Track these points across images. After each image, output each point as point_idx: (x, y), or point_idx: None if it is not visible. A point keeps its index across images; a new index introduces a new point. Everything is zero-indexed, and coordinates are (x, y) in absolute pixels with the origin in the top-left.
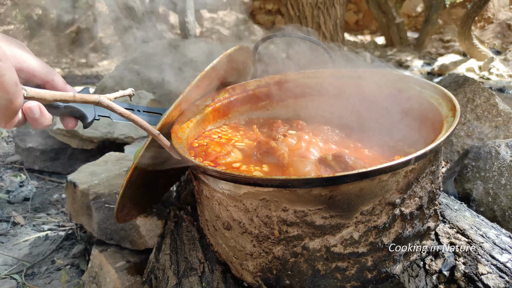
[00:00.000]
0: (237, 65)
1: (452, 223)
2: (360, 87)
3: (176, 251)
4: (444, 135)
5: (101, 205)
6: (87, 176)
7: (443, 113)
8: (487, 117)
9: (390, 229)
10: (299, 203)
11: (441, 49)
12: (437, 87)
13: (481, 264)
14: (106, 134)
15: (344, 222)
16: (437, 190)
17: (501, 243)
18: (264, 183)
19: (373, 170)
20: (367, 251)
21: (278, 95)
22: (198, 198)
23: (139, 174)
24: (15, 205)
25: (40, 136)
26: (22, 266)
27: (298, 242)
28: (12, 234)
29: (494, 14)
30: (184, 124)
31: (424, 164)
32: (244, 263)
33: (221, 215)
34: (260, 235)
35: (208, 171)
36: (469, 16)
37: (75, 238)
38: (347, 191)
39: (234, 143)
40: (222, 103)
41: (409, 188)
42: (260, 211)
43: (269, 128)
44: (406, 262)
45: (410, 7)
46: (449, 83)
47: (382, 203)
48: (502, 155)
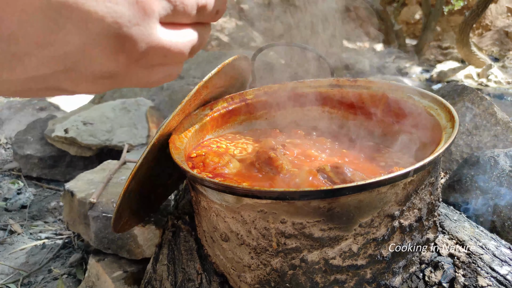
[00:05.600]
0: (236, 74)
1: (452, 234)
2: (358, 96)
3: (174, 261)
4: (443, 146)
5: (99, 214)
6: (84, 185)
7: (442, 124)
8: (486, 126)
9: (389, 241)
10: (298, 215)
11: (440, 56)
12: (436, 97)
13: (481, 277)
14: (105, 141)
15: (342, 234)
16: (436, 201)
17: (501, 254)
18: (262, 195)
19: (372, 182)
20: (366, 263)
21: (277, 104)
22: (196, 208)
23: (136, 184)
24: (12, 212)
25: (38, 143)
26: (18, 275)
27: (297, 254)
28: (9, 242)
29: (492, 22)
30: (182, 134)
31: (423, 176)
32: (242, 275)
33: (219, 226)
34: (258, 247)
35: (205, 183)
36: (467, 23)
37: (72, 246)
38: (346, 203)
39: (233, 153)
40: (220, 112)
41: (408, 200)
42: (258, 223)
43: (268, 137)
44: (405, 274)
45: (408, 14)
46: (448, 92)
47: (381, 215)
48: (501, 165)
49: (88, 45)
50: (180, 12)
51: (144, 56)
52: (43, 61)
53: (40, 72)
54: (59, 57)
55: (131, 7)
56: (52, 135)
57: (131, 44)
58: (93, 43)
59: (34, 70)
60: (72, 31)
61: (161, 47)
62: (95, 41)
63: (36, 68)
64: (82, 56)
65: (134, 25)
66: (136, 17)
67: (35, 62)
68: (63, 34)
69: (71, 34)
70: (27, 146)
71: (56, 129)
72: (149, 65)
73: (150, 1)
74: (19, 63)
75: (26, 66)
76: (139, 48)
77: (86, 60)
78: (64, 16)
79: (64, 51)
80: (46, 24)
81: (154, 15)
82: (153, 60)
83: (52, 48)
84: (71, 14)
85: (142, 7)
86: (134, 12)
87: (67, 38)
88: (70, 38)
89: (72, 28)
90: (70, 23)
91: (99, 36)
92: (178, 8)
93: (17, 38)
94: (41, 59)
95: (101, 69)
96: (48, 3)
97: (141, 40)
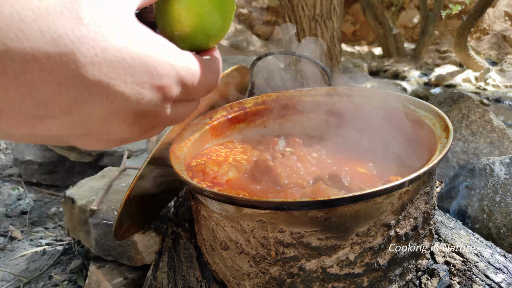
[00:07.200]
0: (235, 84)
1: (448, 242)
2: (354, 105)
3: (174, 269)
4: (438, 157)
5: (99, 221)
6: (85, 192)
7: (437, 134)
8: (482, 133)
9: (385, 250)
10: (296, 224)
11: (438, 59)
12: (431, 107)
13: (476, 284)
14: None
15: (340, 243)
16: (431, 210)
17: (496, 262)
18: (260, 205)
19: (368, 193)
20: (363, 271)
21: (275, 112)
22: (196, 217)
23: (137, 193)
24: (12, 218)
25: (38, 149)
26: (19, 282)
27: (295, 263)
28: (9, 249)
29: (490, 25)
30: (182, 143)
31: (418, 185)
32: (241, 283)
33: (219, 235)
34: (257, 255)
35: (205, 193)
36: (465, 27)
37: (72, 253)
38: (343, 213)
39: (232, 162)
40: (220, 121)
41: (403, 210)
42: (257, 232)
43: (266, 145)
44: (402, 281)
45: (406, 18)
46: (444, 99)
47: (377, 225)
48: (496, 173)
49: (108, 118)
50: (191, 96)
51: (153, 128)
52: (65, 125)
53: (58, 133)
54: (80, 124)
55: (154, 91)
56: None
57: (146, 120)
58: (114, 116)
59: (53, 130)
60: (98, 105)
61: (169, 121)
62: (116, 115)
63: (56, 130)
64: (101, 126)
65: (153, 105)
66: (156, 99)
67: (57, 125)
68: (89, 107)
69: (96, 108)
70: (27, 152)
71: None
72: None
73: (170, 87)
74: (42, 123)
75: (48, 127)
76: (151, 123)
77: (103, 129)
78: (94, 93)
79: (86, 120)
80: (76, 97)
81: (171, 99)
82: (160, 130)
83: (76, 116)
84: (101, 92)
85: (163, 92)
86: (155, 95)
87: (92, 110)
88: (95, 111)
89: (99, 104)
90: (98, 100)
91: (120, 111)
92: (191, 94)
93: (47, 105)
94: (63, 123)
95: (114, 137)
96: (82, 80)
97: (154, 118)
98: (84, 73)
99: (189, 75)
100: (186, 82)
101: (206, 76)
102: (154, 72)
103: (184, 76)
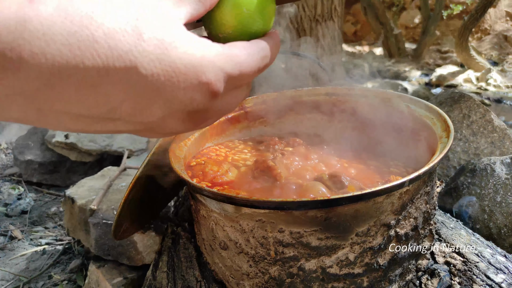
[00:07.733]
0: None
1: (448, 242)
2: (354, 104)
3: (173, 268)
4: (438, 157)
5: (99, 221)
6: (85, 191)
7: (437, 133)
8: (483, 133)
9: (385, 250)
10: (295, 224)
11: (439, 60)
12: (432, 106)
13: (476, 285)
14: (105, 147)
15: (339, 243)
16: (432, 210)
17: (496, 262)
18: (260, 205)
19: (368, 192)
20: (362, 271)
21: (276, 112)
22: (195, 216)
23: (136, 193)
24: (12, 218)
25: (39, 149)
26: (19, 281)
27: (294, 263)
28: (9, 248)
29: (491, 26)
30: (182, 143)
31: (419, 185)
32: (241, 283)
33: (218, 235)
34: (257, 255)
35: (204, 192)
36: (466, 27)
37: (72, 252)
38: (343, 213)
39: (232, 161)
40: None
41: (403, 209)
42: (256, 232)
43: (266, 145)
44: (402, 282)
45: (408, 18)
46: (445, 99)
47: (377, 225)
48: (497, 173)
49: (165, 118)
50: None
51: (206, 120)
52: (130, 124)
53: (125, 129)
54: (141, 123)
55: (204, 92)
56: (53, 141)
57: (198, 116)
58: (170, 116)
59: (120, 128)
60: (156, 109)
61: (221, 112)
62: (171, 116)
63: (122, 127)
64: (159, 124)
65: (203, 104)
66: (206, 98)
67: (123, 124)
68: (151, 109)
69: (157, 109)
70: (28, 152)
71: (57, 135)
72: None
73: (218, 85)
74: (111, 124)
75: (116, 126)
76: (203, 117)
77: (162, 125)
78: (153, 99)
79: (148, 120)
80: (140, 102)
81: (218, 94)
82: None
83: (140, 117)
84: (161, 97)
85: (211, 91)
86: (205, 95)
87: (153, 112)
88: (154, 113)
89: (157, 107)
90: (158, 104)
91: (177, 111)
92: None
93: (116, 109)
94: (129, 123)
95: (170, 131)
96: (143, 89)
97: (205, 113)
98: (145, 83)
99: (232, 66)
100: (232, 74)
101: (251, 59)
102: (202, 76)
103: (228, 69)
